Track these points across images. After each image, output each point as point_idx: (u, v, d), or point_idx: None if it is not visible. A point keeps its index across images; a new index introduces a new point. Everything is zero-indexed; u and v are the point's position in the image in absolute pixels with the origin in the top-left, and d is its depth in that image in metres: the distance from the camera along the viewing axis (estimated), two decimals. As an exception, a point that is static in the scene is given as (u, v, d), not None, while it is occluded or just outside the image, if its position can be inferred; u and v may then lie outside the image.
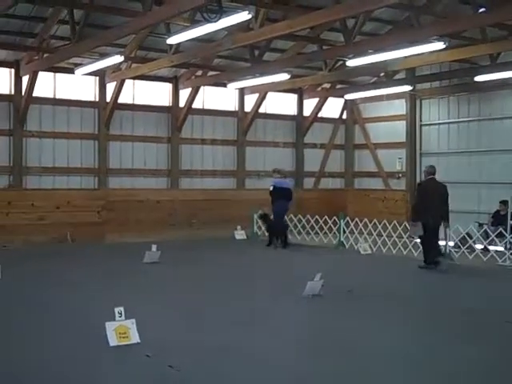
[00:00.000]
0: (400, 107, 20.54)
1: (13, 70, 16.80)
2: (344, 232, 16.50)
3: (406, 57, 14.91)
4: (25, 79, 16.75)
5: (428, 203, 12.65)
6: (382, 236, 15.60)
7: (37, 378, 5.80)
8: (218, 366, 6.23)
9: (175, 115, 19.10)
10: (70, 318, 8.11)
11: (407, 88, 18.83)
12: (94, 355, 6.45)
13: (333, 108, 22.15)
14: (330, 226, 17.17)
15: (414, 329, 7.97)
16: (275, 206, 16.21)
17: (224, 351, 6.71)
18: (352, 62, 15.37)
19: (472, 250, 14.40)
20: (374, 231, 16.04)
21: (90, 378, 5.80)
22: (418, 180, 20.01)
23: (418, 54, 14.71)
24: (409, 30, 14.37)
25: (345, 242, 16.30)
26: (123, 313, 6.86)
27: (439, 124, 19.84)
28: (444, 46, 13.19)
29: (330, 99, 21.61)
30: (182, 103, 19.14)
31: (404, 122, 20.50)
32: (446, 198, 12.96)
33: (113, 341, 6.73)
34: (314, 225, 17.46)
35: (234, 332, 7.56)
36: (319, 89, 21.22)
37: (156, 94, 19.03)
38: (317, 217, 17.31)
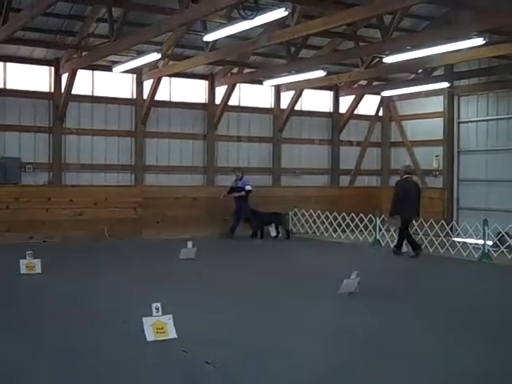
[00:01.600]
0: (437, 104, 20.27)
1: (52, 68, 17.09)
2: (380, 230, 16.38)
3: (444, 53, 14.70)
4: (64, 77, 17.01)
5: (405, 199, 14.13)
6: (419, 234, 15.44)
7: (74, 373, 5.89)
8: (255, 362, 6.24)
9: (211, 112, 19.19)
10: (108, 313, 8.21)
11: (445, 85, 18.58)
12: (131, 350, 6.52)
13: (369, 105, 22.00)
14: (366, 224, 17.06)
15: (450, 330, 7.87)
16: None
17: (260, 347, 6.73)
18: (389, 59, 15.22)
19: (511, 249, 14.17)
20: (411, 229, 15.86)
21: (127, 373, 5.86)
22: (456, 178, 19.83)
23: (457, 50, 14.48)
24: (447, 25, 14.16)
25: (381, 240, 16.18)
26: (160, 308, 6.92)
27: (477, 121, 19.53)
28: (483, 42, 12.99)
29: (367, 96, 21.46)
30: (218, 100, 19.22)
31: (441, 119, 20.23)
32: (419, 196, 14.50)
33: (150, 336, 6.80)
34: (350, 222, 17.37)
35: (271, 329, 7.57)
36: (355, 86, 21.09)
37: (192, 91, 19.15)
38: (352, 214, 17.22)
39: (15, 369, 5.97)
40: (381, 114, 22.21)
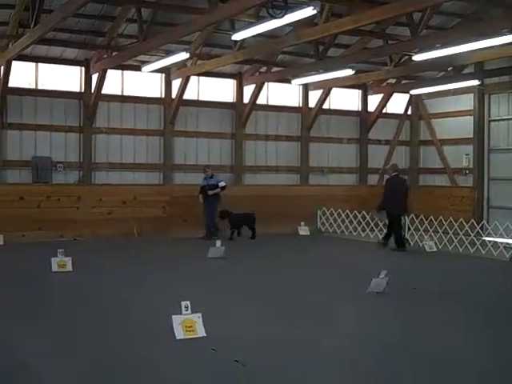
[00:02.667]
0: (467, 102, 20.06)
1: (83, 68, 17.28)
2: (409, 229, 16.27)
3: (474, 50, 14.52)
4: (94, 77, 17.19)
5: (395, 196, 14.98)
6: (449, 234, 15.30)
7: (103, 369, 5.96)
8: (284, 361, 6.25)
9: (239, 111, 19.23)
10: (137, 311, 8.29)
11: (475, 82, 18.36)
12: (161, 348, 6.58)
13: (398, 103, 21.84)
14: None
15: (481, 332, 7.78)
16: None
17: (289, 346, 6.74)
18: (418, 57, 15.09)
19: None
20: (440, 229, 15.75)
21: (157, 371, 5.92)
22: (486, 177, 19.61)
23: (488, 48, 14.30)
24: (478, 22, 14.02)
25: (410, 240, 16.07)
26: (189, 307, 6.96)
27: (508, 119, 19.26)
28: (515, 39, 12.81)
29: (395, 95, 21.30)
30: (246, 99, 19.26)
31: (471, 117, 20.01)
32: (406, 193, 15.47)
33: (179, 334, 6.85)
34: (379, 222, 17.26)
35: (299, 327, 7.57)
36: (384, 84, 20.96)
37: (220, 90, 19.21)
38: (381, 213, 17.09)
39: (46, 364, 6.06)
40: (409, 112, 22.04)
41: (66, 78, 17.27)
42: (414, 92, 20.62)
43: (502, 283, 11.39)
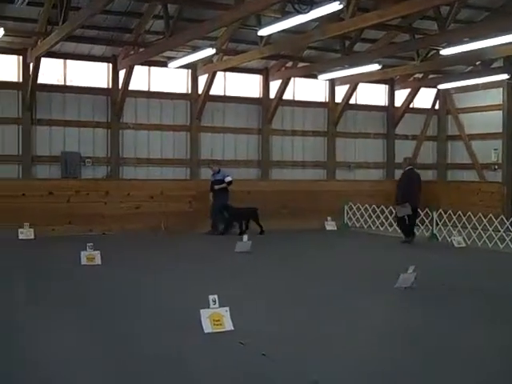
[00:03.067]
0: (496, 96, 19.84)
1: (110, 65, 17.45)
2: (437, 224, 16.15)
3: (503, 44, 14.34)
4: (121, 73, 17.34)
5: (411, 189, 15.06)
6: (477, 229, 15.17)
7: (131, 361, 6.03)
8: (310, 355, 6.27)
9: (265, 107, 19.25)
10: (165, 305, 8.35)
11: (505, 76, 18.14)
12: (189, 342, 6.62)
13: (425, 98, 21.69)
14: (422, 219, 16.84)
15: (508, 328, 7.71)
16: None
17: (316, 342, 6.74)
18: (446, 51, 14.97)
19: None
20: (469, 224, 15.61)
21: (185, 364, 5.96)
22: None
23: (517, 41, 14.13)
24: (506, 16, 13.85)
25: (438, 235, 15.96)
26: (217, 300, 7.01)
27: (538, 113, 19.04)
28: (545, 32, 12.64)
29: (422, 89, 21.15)
30: (272, 95, 19.27)
31: (500, 111, 19.80)
32: (420, 186, 15.52)
33: (207, 328, 6.89)
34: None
35: (326, 322, 7.58)
36: (411, 79, 20.82)
37: (246, 85, 19.25)
38: (408, 209, 16.97)
39: (75, 355, 6.16)
40: (437, 107, 21.87)
41: (93, 74, 17.47)
42: (441, 86, 20.45)
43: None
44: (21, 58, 16.54)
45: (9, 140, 16.56)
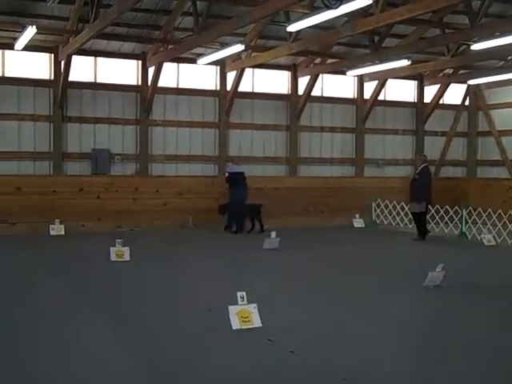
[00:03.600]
0: (529, 92, 19.54)
1: (140, 62, 17.58)
2: (466, 222, 15.98)
3: (536, 39, 14.11)
4: (151, 70, 17.45)
5: (429, 187, 15.36)
6: (508, 227, 14.97)
7: (159, 357, 6.08)
8: (339, 353, 6.26)
9: (294, 103, 19.22)
10: (194, 301, 8.41)
11: (537, 72, 17.87)
12: (217, 338, 6.66)
13: (455, 94, 21.45)
14: (452, 216, 16.68)
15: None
16: (233, 192, 16.08)
17: (345, 339, 6.73)
18: (477, 46, 14.76)
19: None
20: (499, 222, 15.41)
21: (213, 360, 5.99)
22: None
23: (550, 36, 13.88)
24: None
25: (467, 233, 15.78)
26: (245, 297, 7.03)
27: None
28: None
29: (452, 85, 20.91)
30: (300, 91, 19.23)
31: (532, 107, 19.50)
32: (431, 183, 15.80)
33: (235, 324, 6.92)
34: (435, 214, 16.99)
35: (355, 320, 7.56)
36: (441, 74, 20.59)
37: (275, 82, 19.24)
38: (437, 206, 16.84)
39: (101, 350, 6.23)
40: (467, 103, 21.62)
41: (123, 71, 17.61)
42: (471, 82, 20.19)
43: None
44: (52, 55, 16.74)
45: (40, 137, 16.79)
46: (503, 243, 14.70)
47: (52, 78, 16.83)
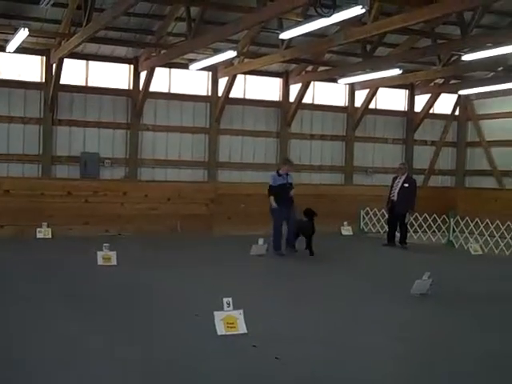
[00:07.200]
0: (518, 103, 19.66)
1: (132, 66, 17.56)
2: (454, 231, 16.04)
3: (526, 51, 14.23)
4: (142, 75, 17.44)
5: (408, 195, 15.32)
6: (495, 237, 15.04)
7: (145, 363, 6.06)
8: (324, 359, 6.26)
9: (285, 110, 19.26)
10: (179, 306, 8.38)
11: (526, 83, 18.00)
12: (202, 343, 6.65)
13: (445, 104, 21.57)
14: (439, 225, 16.74)
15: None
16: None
17: (330, 346, 6.74)
18: (468, 57, 14.88)
19: None
20: (486, 231, 15.49)
21: (198, 366, 5.98)
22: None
23: (540, 48, 13.99)
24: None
25: (454, 242, 15.85)
26: (231, 303, 7.02)
27: (560, 121, 18.85)
28: None
29: (443, 95, 21.03)
30: (292, 98, 19.27)
31: (522, 118, 19.62)
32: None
33: (221, 330, 6.91)
34: (423, 223, 17.05)
35: (340, 327, 7.57)
36: (432, 84, 20.70)
37: (266, 88, 19.27)
38: (425, 215, 16.91)
39: (87, 355, 6.20)
40: (457, 113, 21.74)
41: (115, 75, 17.58)
42: (462, 92, 20.32)
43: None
44: (44, 58, 16.70)
45: (30, 139, 16.72)
46: (490, 253, 14.77)
47: (43, 80, 16.78)
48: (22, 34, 13.50)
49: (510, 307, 9.15)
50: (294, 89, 19.23)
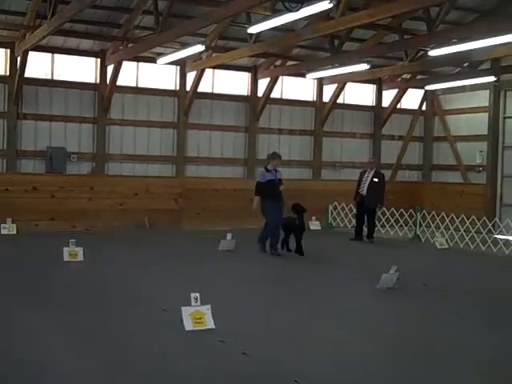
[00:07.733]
0: (483, 99, 19.91)
1: (98, 60, 17.35)
2: (420, 225, 16.23)
3: (491, 46, 14.40)
4: (109, 68, 17.25)
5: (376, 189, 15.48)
6: (460, 231, 15.25)
7: (111, 358, 6.01)
8: (291, 354, 6.28)
9: (253, 104, 19.24)
10: (147, 302, 8.33)
11: (491, 79, 18.26)
12: (170, 339, 6.62)
13: (412, 99, 21.77)
14: (406, 219, 16.92)
15: (488, 326, 7.77)
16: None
17: (298, 341, 6.76)
18: (434, 52, 15.01)
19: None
20: (452, 226, 15.70)
21: (165, 361, 5.96)
22: (499, 174, 19.54)
23: (504, 44, 14.17)
24: (495, 18, 13.93)
25: (421, 236, 16.03)
26: (199, 298, 7.00)
27: (524, 117, 19.15)
28: (532, 36, 12.70)
29: (410, 90, 21.23)
30: (260, 93, 19.26)
31: (486, 114, 19.88)
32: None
33: (188, 325, 6.89)
34: (390, 217, 17.22)
35: (307, 321, 7.60)
36: (399, 79, 20.89)
37: (235, 83, 19.23)
38: (393, 209, 17.07)
39: (55, 354, 6.13)
40: (424, 108, 21.96)
41: (81, 69, 17.36)
42: (428, 88, 20.53)
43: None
44: (8, 51, 16.39)
45: (-6, 134, 16.45)
46: (455, 247, 14.99)
47: (7, 73, 16.48)
48: (-15, 27, 13.25)
49: (474, 300, 9.28)
50: (263, 83, 19.22)
